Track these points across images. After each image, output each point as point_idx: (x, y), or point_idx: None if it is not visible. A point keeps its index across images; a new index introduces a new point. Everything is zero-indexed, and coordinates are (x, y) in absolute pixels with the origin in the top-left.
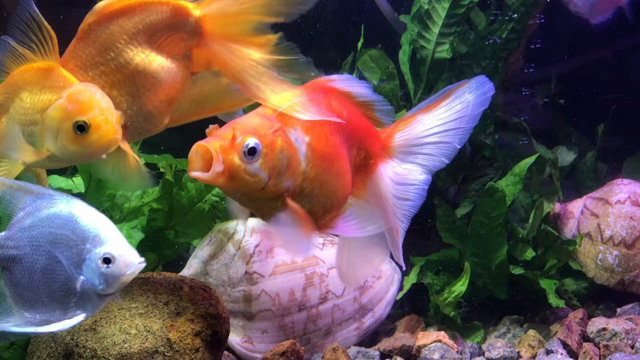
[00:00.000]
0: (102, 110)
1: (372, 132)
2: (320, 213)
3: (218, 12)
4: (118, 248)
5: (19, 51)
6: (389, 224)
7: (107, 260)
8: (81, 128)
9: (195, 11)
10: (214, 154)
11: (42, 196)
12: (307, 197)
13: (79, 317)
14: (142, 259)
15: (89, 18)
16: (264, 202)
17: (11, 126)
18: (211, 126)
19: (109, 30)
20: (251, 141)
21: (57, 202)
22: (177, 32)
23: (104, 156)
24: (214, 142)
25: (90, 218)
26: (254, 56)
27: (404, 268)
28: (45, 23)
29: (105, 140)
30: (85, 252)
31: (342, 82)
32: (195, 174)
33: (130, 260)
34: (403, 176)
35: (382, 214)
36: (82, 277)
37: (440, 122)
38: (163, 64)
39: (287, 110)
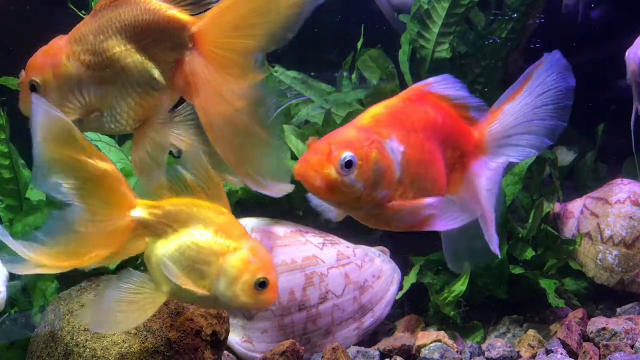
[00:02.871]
0: (275, 273)
1: (466, 132)
2: (417, 216)
3: (215, 31)
4: None
5: (187, 183)
6: (485, 218)
7: None
8: (263, 285)
9: (193, 27)
10: (312, 169)
11: None
12: None
13: None
14: None
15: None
16: (362, 210)
17: (182, 263)
18: (311, 138)
19: (109, 15)
20: (347, 155)
21: None
22: (167, 42)
23: None
24: (312, 157)
25: None
26: (234, 100)
27: (499, 256)
28: (214, 173)
29: (272, 301)
30: None
31: (438, 84)
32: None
33: None
34: (495, 171)
35: (479, 209)
36: None
37: (526, 110)
38: (138, 64)
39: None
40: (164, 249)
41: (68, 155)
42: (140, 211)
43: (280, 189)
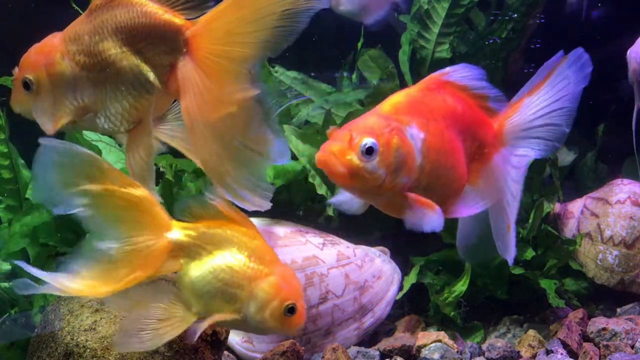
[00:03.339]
0: (303, 299)
1: (485, 122)
2: (439, 203)
3: (208, 36)
4: None
5: (218, 209)
6: (502, 215)
7: None
8: (292, 310)
9: (187, 31)
10: (333, 156)
11: None
12: (425, 190)
13: None
14: None
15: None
16: (383, 197)
17: (215, 284)
18: (331, 127)
19: (105, 16)
20: (368, 141)
21: None
22: (162, 45)
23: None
24: (333, 145)
25: None
26: (221, 108)
27: (511, 263)
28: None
29: (299, 327)
30: None
31: (455, 73)
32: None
33: None
34: (516, 164)
35: (497, 199)
36: None
37: (545, 104)
38: (134, 67)
39: None
40: (197, 271)
41: (99, 187)
42: (177, 233)
43: (256, 203)
